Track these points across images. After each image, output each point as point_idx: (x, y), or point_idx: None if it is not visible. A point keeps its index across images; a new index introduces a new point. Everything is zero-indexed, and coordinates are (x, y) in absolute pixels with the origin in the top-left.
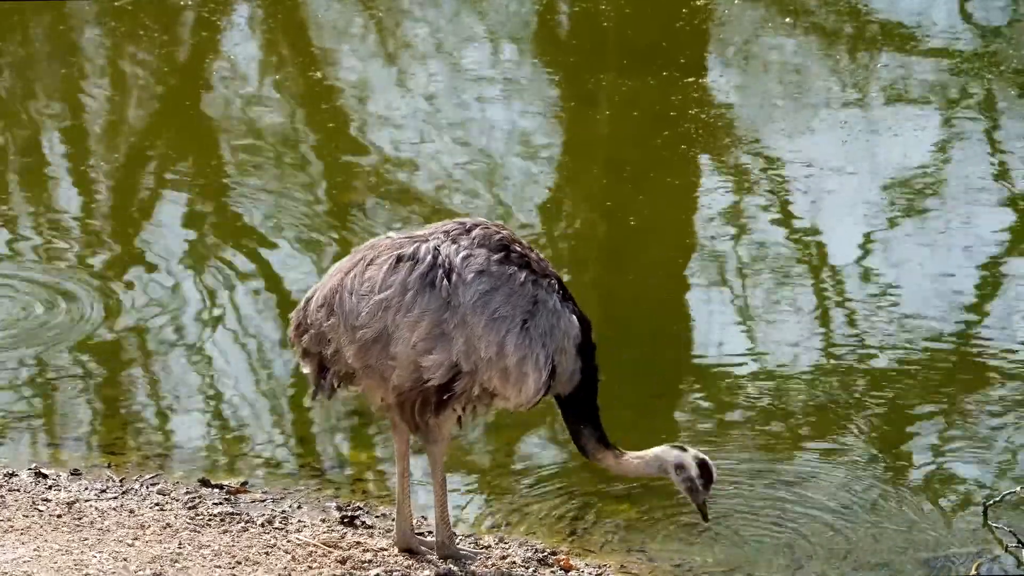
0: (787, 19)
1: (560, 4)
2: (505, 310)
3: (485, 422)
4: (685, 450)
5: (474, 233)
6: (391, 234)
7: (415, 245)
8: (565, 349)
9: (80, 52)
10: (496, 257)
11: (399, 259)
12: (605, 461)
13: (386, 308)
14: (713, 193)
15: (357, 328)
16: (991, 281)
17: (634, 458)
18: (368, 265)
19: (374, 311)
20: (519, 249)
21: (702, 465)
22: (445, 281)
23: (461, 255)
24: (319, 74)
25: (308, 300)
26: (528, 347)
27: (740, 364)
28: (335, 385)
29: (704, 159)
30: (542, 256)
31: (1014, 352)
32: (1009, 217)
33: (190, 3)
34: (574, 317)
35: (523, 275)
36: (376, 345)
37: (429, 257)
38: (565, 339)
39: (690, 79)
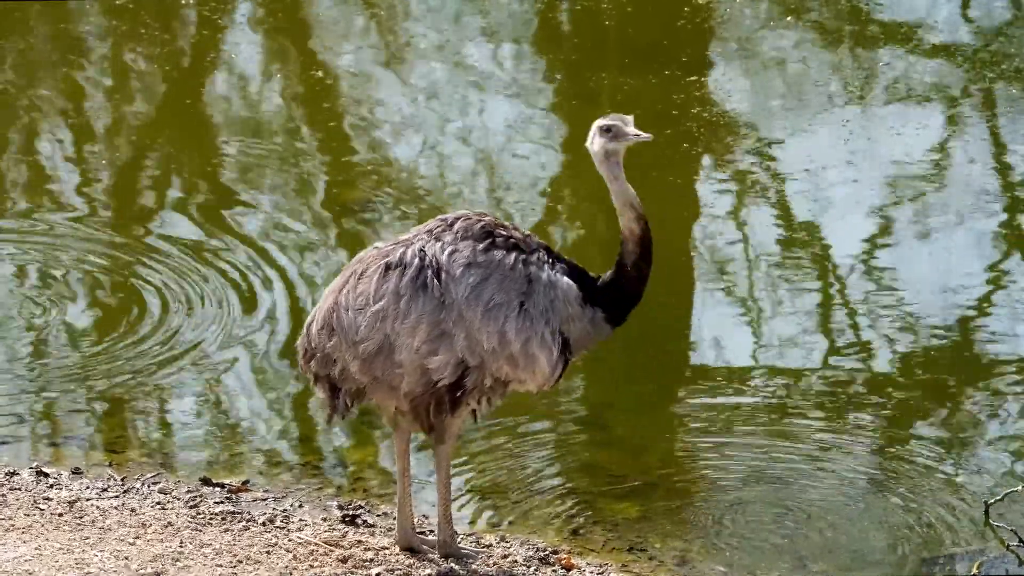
0: (789, 18)
1: (561, 3)
2: (500, 297)
3: (485, 421)
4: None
5: (456, 226)
6: (378, 244)
7: (400, 250)
8: (572, 316)
9: (81, 50)
10: (482, 246)
11: (387, 267)
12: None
13: (383, 318)
14: (715, 191)
15: (359, 343)
16: (993, 280)
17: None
18: (359, 279)
19: (372, 323)
20: (503, 232)
21: (602, 128)
22: (435, 281)
23: (447, 252)
24: (320, 73)
25: (308, 325)
26: (530, 328)
27: (742, 362)
28: (348, 404)
29: (706, 158)
30: (527, 232)
31: (1015, 351)
32: (1010, 216)
33: (191, 2)
34: (565, 279)
35: (512, 257)
36: (380, 356)
37: (416, 260)
38: (567, 306)
39: (692, 78)
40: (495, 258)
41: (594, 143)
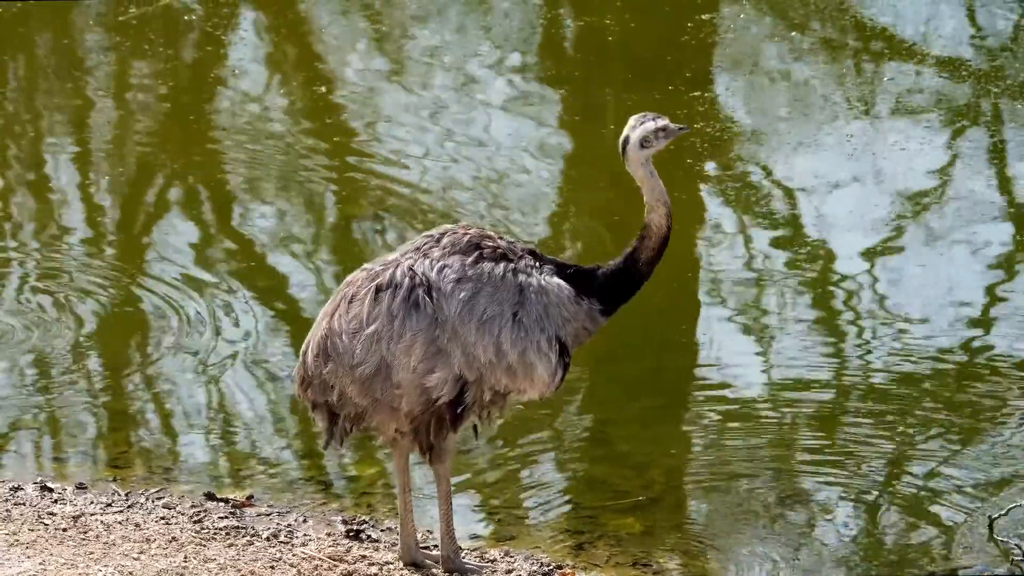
0: (792, 33)
1: (565, 18)
2: (493, 310)
3: (491, 436)
4: (635, 133)
5: (444, 241)
6: (366, 266)
7: (390, 271)
8: (567, 317)
9: (85, 66)
10: (470, 260)
11: (378, 289)
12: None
13: (378, 340)
14: (718, 207)
15: (355, 366)
16: (996, 294)
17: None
18: (350, 303)
19: (367, 345)
20: (491, 244)
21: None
22: (427, 299)
23: (436, 268)
24: (324, 88)
25: (304, 353)
26: (526, 338)
27: (745, 377)
28: (347, 429)
29: (709, 173)
30: (512, 239)
31: (1019, 365)
32: (1014, 230)
33: (195, 17)
34: (555, 279)
35: (501, 268)
36: (377, 378)
37: (406, 280)
38: (562, 308)
39: (695, 93)
40: (484, 270)
41: (645, 146)
